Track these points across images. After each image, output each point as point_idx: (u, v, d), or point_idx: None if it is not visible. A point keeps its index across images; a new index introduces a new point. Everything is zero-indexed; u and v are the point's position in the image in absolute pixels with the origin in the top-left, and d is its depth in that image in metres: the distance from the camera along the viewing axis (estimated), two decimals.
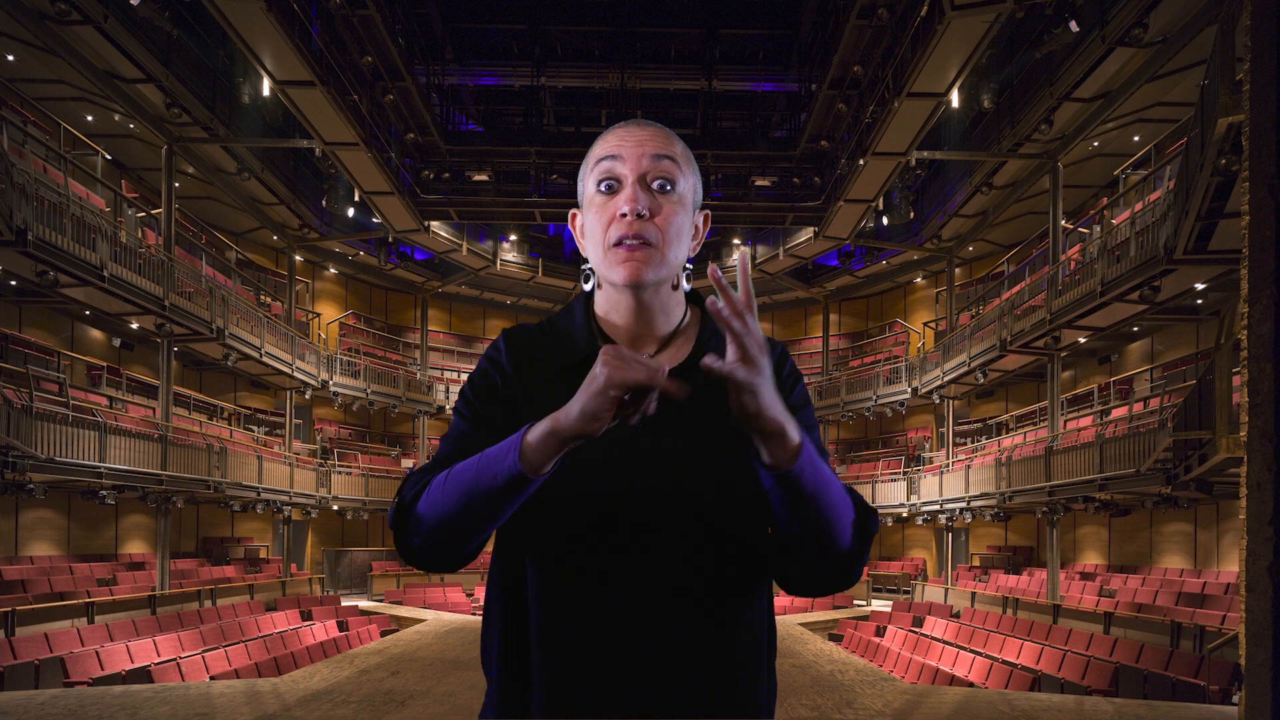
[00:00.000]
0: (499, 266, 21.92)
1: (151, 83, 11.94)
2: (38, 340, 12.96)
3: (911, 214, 18.18)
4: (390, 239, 19.69)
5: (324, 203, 17.88)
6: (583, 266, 1.03)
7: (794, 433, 0.77)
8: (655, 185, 0.93)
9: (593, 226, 0.95)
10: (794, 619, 14.69)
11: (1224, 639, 8.10)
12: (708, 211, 1.03)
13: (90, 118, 13.16)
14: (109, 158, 13.89)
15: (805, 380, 0.99)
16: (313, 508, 17.63)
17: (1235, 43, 6.54)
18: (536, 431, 0.78)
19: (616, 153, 0.94)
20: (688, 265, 1.00)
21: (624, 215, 0.91)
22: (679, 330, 1.00)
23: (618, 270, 0.92)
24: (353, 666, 5.89)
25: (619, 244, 0.92)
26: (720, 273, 0.74)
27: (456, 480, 0.84)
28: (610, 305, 0.99)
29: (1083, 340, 13.99)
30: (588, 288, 1.03)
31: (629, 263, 0.91)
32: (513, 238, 22.39)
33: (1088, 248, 12.43)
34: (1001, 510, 15.14)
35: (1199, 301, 11.98)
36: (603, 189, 0.94)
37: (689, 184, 0.96)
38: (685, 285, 1.01)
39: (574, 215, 1.03)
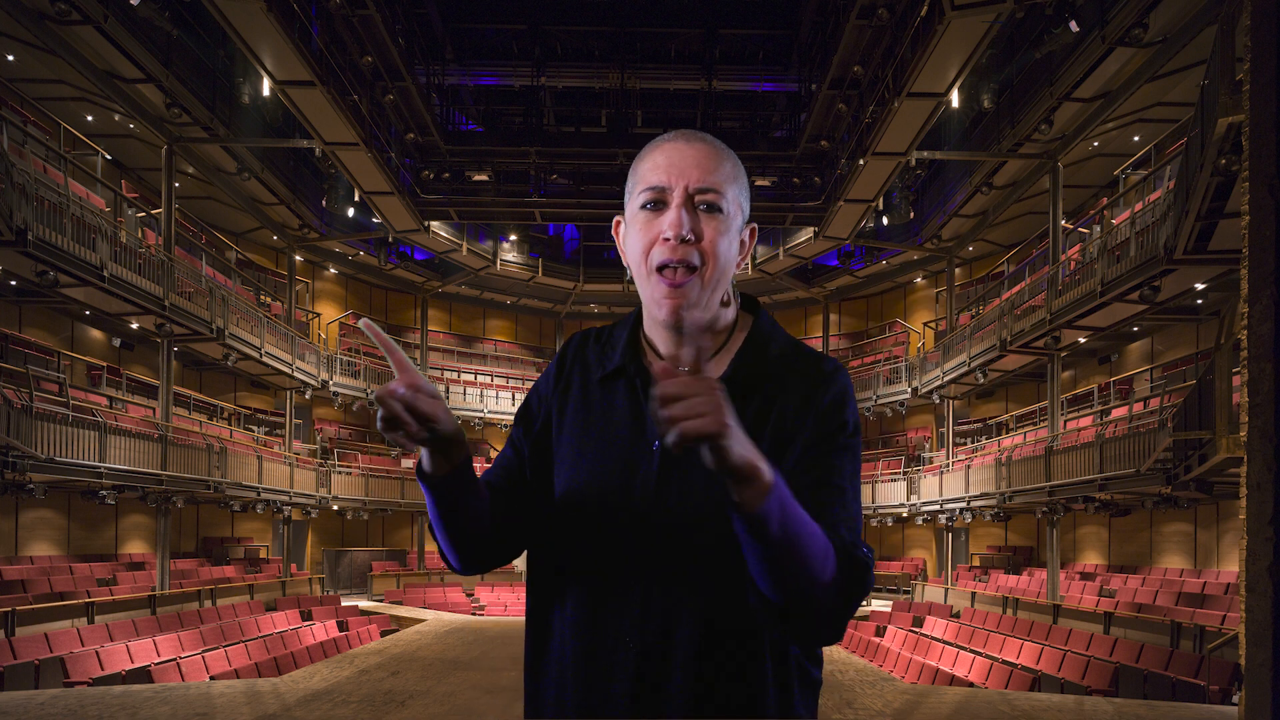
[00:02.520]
0: (499, 266, 21.91)
1: (151, 83, 11.93)
2: (38, 340, 12.96)
3: (911, 214, 18.16)
4: (390, 239, 19.68)
5: (324, 203, 17.87)
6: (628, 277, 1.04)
7: (765, 474, 0.72)
8: (701, 207, 0.90)
9: (634, 244, 0.94)
10: None
11: (1224, 639, 8.10)
12: (754, 225, 1.00)
13: (90, 118, 13.16)
14: (109, 158, 13.88)
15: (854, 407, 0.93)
16: (313, 508, 17.63)
17: (1235, 43, 6.53)
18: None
19: (664, 170, 0.91)
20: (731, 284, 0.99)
21: (667, 239, 0.89)
22: (725, 343, 0.99)
23: (658, 307, 0.91)
24: (353, 666, 5.89)
25: (661, 270, 0.90)
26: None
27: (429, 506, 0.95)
28: (650, 325, 0.99)
29: (1083, 340, 13.98)
30: None
31: (670, 300, 0.90)
32: (513, 238, 22.39)
33: (1088, 248, 12.43)
34: (1001, 510, 15.14)
35: (1199, 301, 11.97)
36: (647, 207, 0.92)
37: (736, 203, 0.93)
38: (734, 299, 1.00)
39: (618, 223, 1.02)
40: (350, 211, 17.82)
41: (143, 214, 13.48)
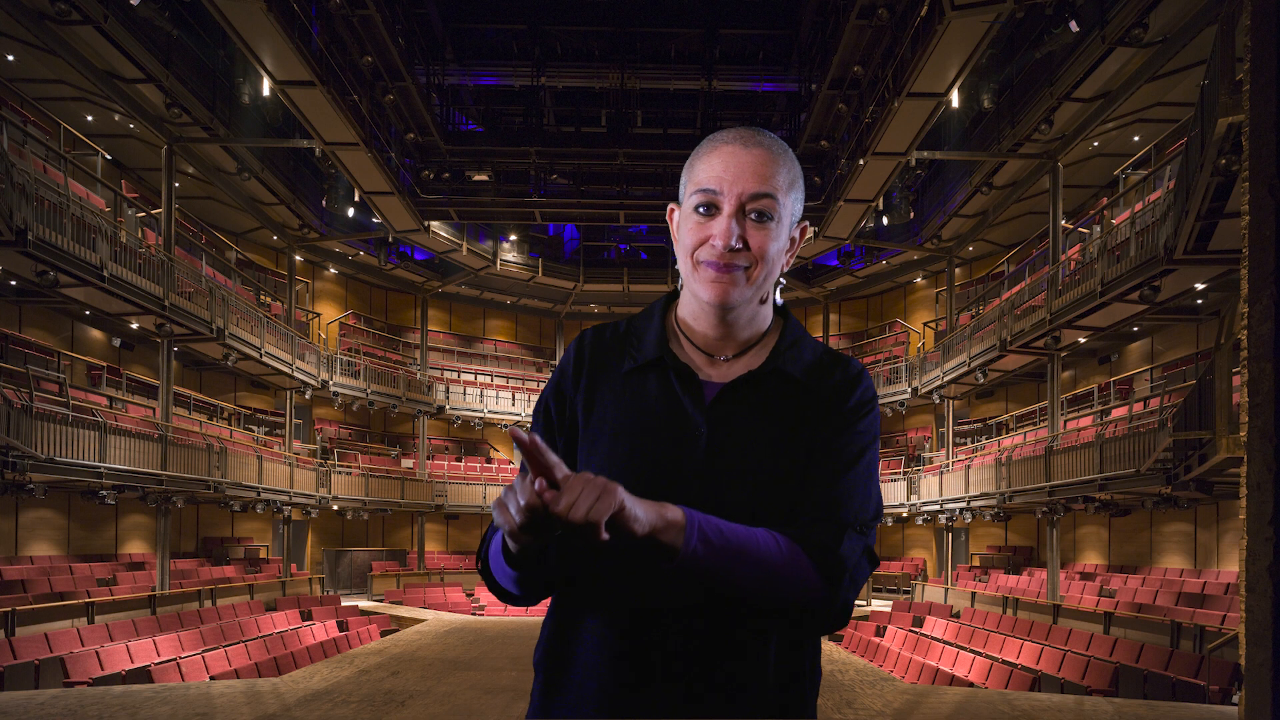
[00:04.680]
0: (499, 266, 21.92)
1: (151, 83, 11.93)
2: (38, 340, 12.96)
3: (911, 214, 18.17)
4: (390, 239, 19.68)
5: (324, 203, 17.88)
6: (676, 266, 1.04)
7: (676, 517, 0.80)
8: (752, 215, 0.92)
9: (684, 238, 0.96)
10: None
11: (1224, 639, 8.10)
12: (806, 224, 1.03)
13: (90, 118, 13.16)
14: (109, 158, 13.88)
15: (876, 406, 1.00)
16: (313, 508, 17.63)
17: (1235, 43, 6.53)
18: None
19: (719, 176, 0.92)
20: (781, 280, 1.01)
21: (715, 246, 0.92)
22: (761, 339, 1.02)
23: (704, 289, 0.94)
24: (353, 666, 5.89)
25: (706, 264, 0.93)
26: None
27: (495, 560, 0.96)
28: (693, 313, 1.01)
29: (1083, 340, 13.98)
30: (681, 287, 1.04)
31: (716, 284, 0.93)
32: (513, 238, 22.40)
33: (1088, 248, 12.43)
34: (1001, 510, 15.14)
35: (1199, 301, 11.97)
36: (700, 210, 0.94)
37: (788, 208, 0.96)
38: (777, 299, 1.03)
39: (672, 210, 1.04)
40: (350, 211, 17.82)
41: (143, 214, 13.48)
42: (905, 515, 18.84)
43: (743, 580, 0.85)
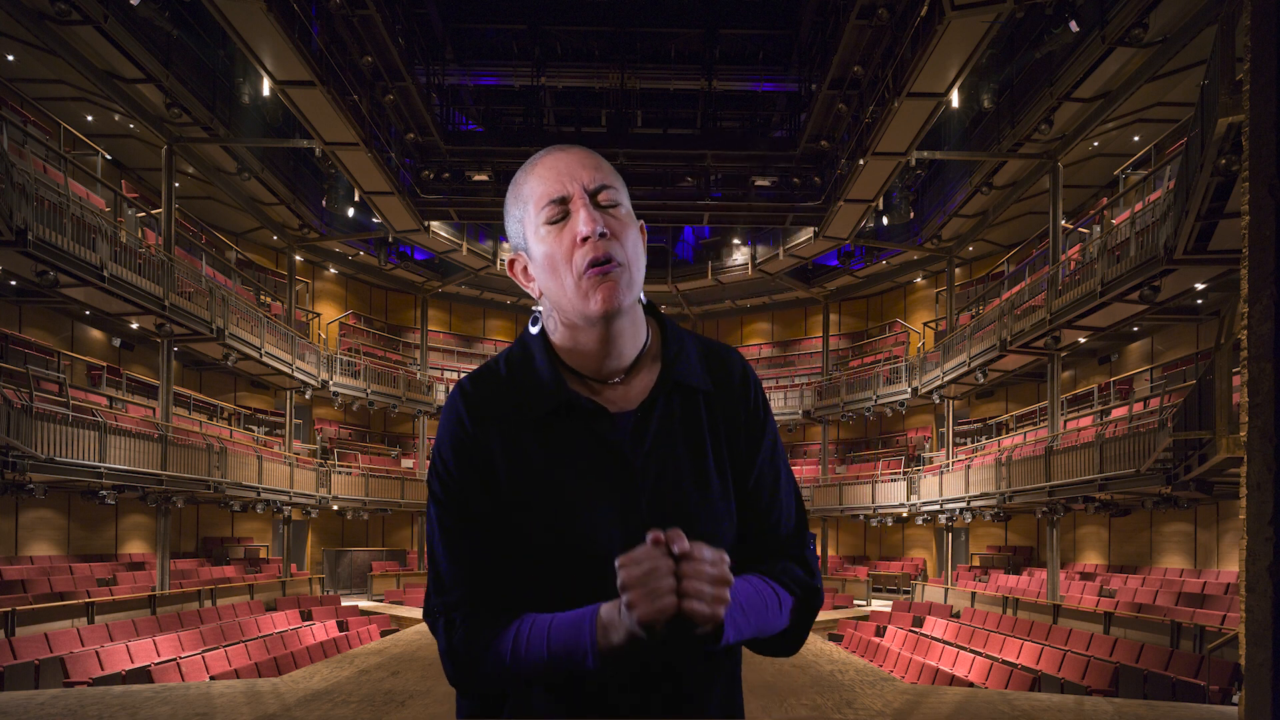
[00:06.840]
0: (499, 266, 21.90)
1: (151, 83, 11.94)
2: (38, 340, 12.96)
3: (911, 214, 18.17)
4: (390, 239, 19.68)
5: (324, 203, 17.88)
6: (534, 310, 0.97)
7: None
8: (605, 205, 0.89)
9: (552, 261, 0.88)
10: None
11: (1224, 639, 8.10)
12: (643, 223, 0.98)
13: (90, 118, 13.16)
14: (109, 158, 13.88)
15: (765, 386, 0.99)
16: (313, 508, 17.63)
17: (1235, 43, 6.54)
18: (610, 641, 0.80)
19: (555, 180, 0.88)
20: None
21: (585, 240, 0.86)
22: (645, 351, 0.96)
23: (592, 300, 0.86)
24: (353, 666, 5.89)
25: (589, 269, 0.86)
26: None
27: (533, 663, 0.85)
28: (574, 342, 0.93)
29: (1083, 340, 13.98)
30: (535, 330, 0.97)
31: (604, 287, 0.86)
32: None
33: (1088, 248, 12.43)
34: (1001, 510, 15.14)
35: (1199, 301, 11.97)
36: (554, 221, 0.88)
37: (626, 201, 0.92)
38: (642, 298, 0.97)
39: (513, 262, 0.96)
40: (350, 211, 17.82)
41: (143, 214, 13.48)
42: (905, 515, 18.84)
43: (760, 642, 0.94)
